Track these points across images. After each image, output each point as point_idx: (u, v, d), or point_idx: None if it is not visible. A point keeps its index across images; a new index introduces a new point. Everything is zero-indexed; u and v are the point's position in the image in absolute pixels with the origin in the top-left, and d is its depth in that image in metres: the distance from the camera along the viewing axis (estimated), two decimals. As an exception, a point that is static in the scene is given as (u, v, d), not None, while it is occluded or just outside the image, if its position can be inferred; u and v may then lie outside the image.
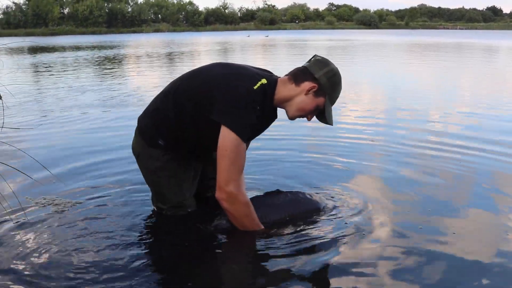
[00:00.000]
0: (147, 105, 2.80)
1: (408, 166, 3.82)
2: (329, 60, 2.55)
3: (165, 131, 2.61)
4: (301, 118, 2.64)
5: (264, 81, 2.46)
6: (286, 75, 2.58)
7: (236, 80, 2.44)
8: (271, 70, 2.66)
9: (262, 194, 2.86)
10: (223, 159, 2.37)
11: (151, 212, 2.84)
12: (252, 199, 2.57)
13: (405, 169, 3.75)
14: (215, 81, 2.47)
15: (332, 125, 2.59)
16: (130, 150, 2.84)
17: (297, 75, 2.51)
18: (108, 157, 4.09)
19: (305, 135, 4.96)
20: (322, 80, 2.46)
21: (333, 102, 2.55)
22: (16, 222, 2.68)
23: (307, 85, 2.47)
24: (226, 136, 2.35)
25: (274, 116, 2.63)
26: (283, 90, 2.51)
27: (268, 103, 2.50)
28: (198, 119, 2.50)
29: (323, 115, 2.55)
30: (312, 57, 2.56)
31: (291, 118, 2.59)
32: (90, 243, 2.46)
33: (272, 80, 2.52)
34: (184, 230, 2.62)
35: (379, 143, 4.57)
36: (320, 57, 2.56)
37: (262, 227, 2.55)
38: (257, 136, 2.68)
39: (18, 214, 2.78)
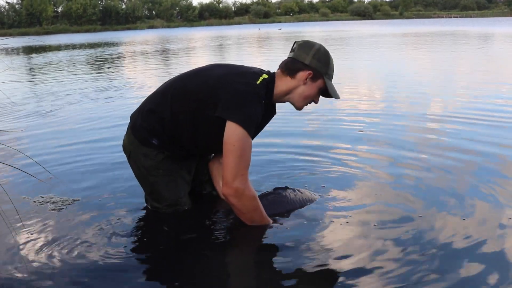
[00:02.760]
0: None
1: (403, 156, 3.82)
2: (310, 40, 2.57)
3: (160, 131, 2.58)
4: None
5: (265, 76, 2.50)
6: (278, 69, 2.59)
7: (240, 77, 2.47)
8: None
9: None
10: (230, 154, 2.34)
11: (148, 210, 2.82)
12: None
13: (400, 159, 3.75)
14: (218, 80, 2.48)
15: (339, 98, 2.59)
16: (128, 149, 2.81)
17: (289, 67, 2.52)
18: (105, 155, 4.08)
19: (292, 126, 4.97)
20: (313, 64, 2.48)
21: (331, 77, 2.56)
22: (14, 221, 2.68)
23: (302, 74, 2.49)
24: (233, 131, 2.34)
25: (273, 112, 2.65)
26: (281, 84, 2.53)
27: (269, 99, 2.53)
28: (197, 118, 2.49)
29: (327, 92, 2.57)
30: (294, 45, 2.57)
31: (300, 108, 2.61)
32: (87, 242, 2.45)
33: (272, 75, 2.55)
34: (181, 229, 2.60)
35: (370, 133, 4.57)
36: (301, 41, 2.56)
37: (271, 221, 2.54)
38: (258, 133, 2.67)
39: (16, 213, 2.78)
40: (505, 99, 6.30)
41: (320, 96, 2.62)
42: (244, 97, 2.39)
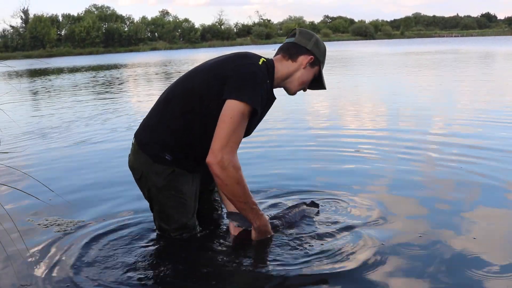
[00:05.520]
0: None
1: (402, 176, 3.81)
2: (308, 29, 2.66)
3: (172, 143, 2.52)
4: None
5: (263, 59, 2.53)
6: (277, 54, 2.64)
7: (243, 59, 2.49)
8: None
9: None
10: (224, 125, 2.30)
11: (154, 233, 2.77)
12: None
13: (399, 179, 3.74)
14: (221, 66, 2.48)
15: (326, 89, 2.72)
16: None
17: (291, 51, 2.58)
18: (110, 176, 4.08)
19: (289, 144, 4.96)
20: (314, 51, 2.58)
21: (323, 67, 2.67)
22: (19, 243, 2.66)
23: (303, 58, 2.57)
24: (234, 105, 2.31)
25: (273, 98, 2.63)
26: (282, 68, 2.57)
27: (271, 82, 2.53)
28: (207, 115, 2.43)
29: (316, 82, 2.67)
30: (294, 31, 2.65)
31: (294, 93, 2.67)
32: (92, 266, 2.42)
33: (270, 59, 2.59)
34: (189, 250, 2.55)
35: (367, 152, 4.56)
36: (301, 28, 2.66)
37: (254, 199, 2.47)
38: (260, 121, 2.65)
39: (19, 235, 2.75)
40: (509, 116, 6.29)
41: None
42: (250, 77, 2.38)
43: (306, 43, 2.56)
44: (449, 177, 3.69)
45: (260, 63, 2.47)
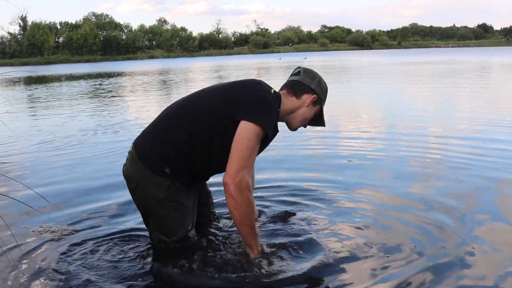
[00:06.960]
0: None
1: (404, 180, 3.80)
2: (311, 68, 2.71)
3: (174, 157, 2.48)
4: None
5: (273, 90, 2.57)
6: (282, 89, 2.67)
7: (256, 85, 2.54)
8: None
9: None
10: (241, 146, 2.32)
11: (149, 240, 2.72)
12: None
13: (401, 183, 3.73)
14: (232, 89, 2.52)
15: (325, 126, 2.77)
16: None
17: (295, 89, 2.62)
18: (104, 184, 4.06)
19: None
20: (317, 90, 2.63)
21: (324, 105, 2.73)
22: (13, 251, 2.64)
23: (307, 97, 2.61)
24: (251, 128, 2.34)
25: (277, 129, 2.61)
26: (287, 103, 2.61)
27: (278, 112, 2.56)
28: (214, 135, 2.43)
29: (316, 119, 2.73)
30: (298, 70, 2.69)
31: (295, 129, 2.71)
32: (85, 274, 2.39)
33: (278, 92, 2.62)
34: (185, 260, 2.50)
35: (364, 162, 4.55)
36: (304, 68, 2.70)
37: (257, 229, 2.49)
38: (263, 149, 2.62)
39: (14, 242, 2.73)
40: (505, 123, 6.29)
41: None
42: (266, 102, 2.43)
43: (310, 83, 2.63)
44: (447, 184, 3.68)
45: (272, 91, 2.53)
